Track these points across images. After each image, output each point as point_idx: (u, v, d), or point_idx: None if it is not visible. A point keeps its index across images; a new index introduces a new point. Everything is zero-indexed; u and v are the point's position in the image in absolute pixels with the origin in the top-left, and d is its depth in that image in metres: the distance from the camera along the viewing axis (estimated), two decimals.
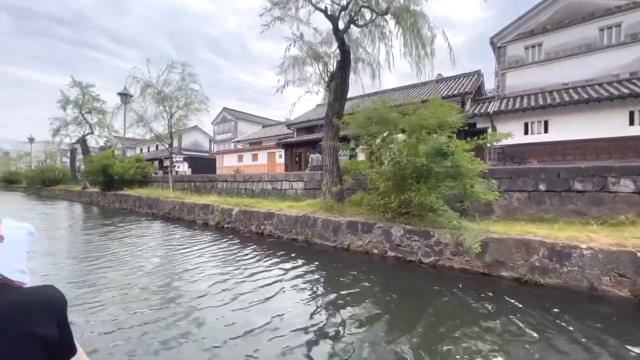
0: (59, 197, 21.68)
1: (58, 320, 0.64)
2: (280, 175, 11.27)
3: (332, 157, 7.78)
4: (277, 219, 7.77)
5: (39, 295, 0.64)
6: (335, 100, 7.61)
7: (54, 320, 0.63)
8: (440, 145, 5.23)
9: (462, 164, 5.14)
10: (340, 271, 5.19)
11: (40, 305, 0.63)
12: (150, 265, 5.37)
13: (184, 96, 13.78)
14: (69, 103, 19.92)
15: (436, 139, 5.51)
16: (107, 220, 10.97)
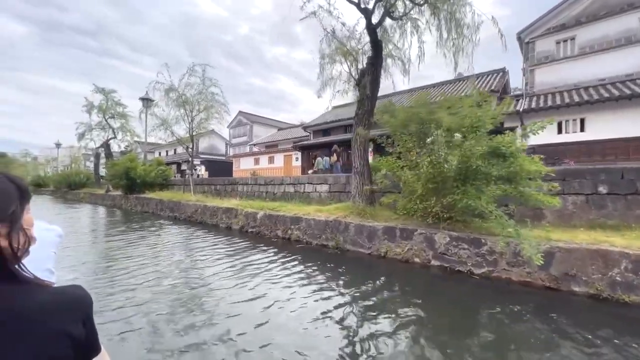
0: (83, 200, 22.08)
1: (84, 319, 0.65)
2: (303, 178, 10.88)
3: (363, 158, 7.31)
4: (305, 224, 7.36)
5: (68, 295, 0.65)
6: (366, 98, 7.16)
7: (81, 319, 0.64)
8: (497, 145, 4.67)
9: (523, 165, 4.57)
10: (379, 282, 4.70)
11: (69, 304, 0.63)
12: (177, 272, 5.05)
13: (204, 100, 13.65)
14: (93, 108, 20.33)
15: (495, 137, 4.96)
16: (135, 225, 10.86)
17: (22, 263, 0.60)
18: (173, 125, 13.45)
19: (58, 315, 0.60)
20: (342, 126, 22.98)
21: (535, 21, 14.89)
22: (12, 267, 0.58)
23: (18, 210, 0.60)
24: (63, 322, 0.60)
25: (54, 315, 0.60)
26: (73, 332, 0.61)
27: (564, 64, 14.35)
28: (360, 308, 3.81)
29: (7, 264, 0.57)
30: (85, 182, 26.89)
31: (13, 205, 0.60)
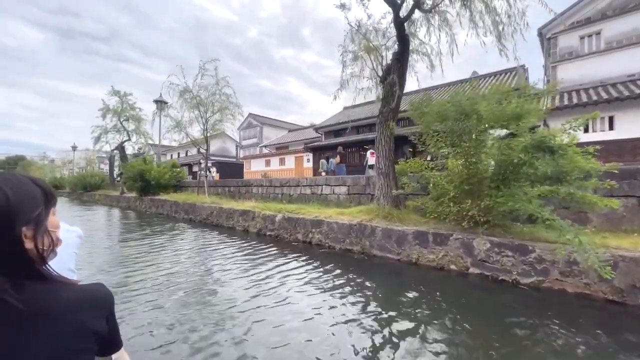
0: (99, 202, 22.22)
1: (107, 315, 0.68)
2: (320, 179, 10.54)
3: (388, 158, 6.93)
4: (328, 227, 7.00)
5: (92, 293, 0.67)
6: (391, 95, 6.78)
7: (104, 315, 0.67)
8: (543, 138, 4.21)
9: (575, 161, 4.12)
10: (411, 290, 4.31)
11: (94, 301, 0.66)
12: (197, 277, 4.76)
13: (218, 101, 13.47)
14: (109, 111, 20.48)
15: (541, 131, 4.52)
16: (151, 227, 10.69)
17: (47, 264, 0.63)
18: (188, 126, 13.31)
19: (84, 311, 0.63)
20: (354, 127, 22.61)
21: (558, 16, 14.23)
22: (39, 268, 0.60)
23: (43, 213, 0.62)
24: (88, 318, 0.63)
25: (80, 312, 0.62)
26: (97, 327, 0.64)
27: (588, 60, 13.67)
28: (390, 317, 3.45)
29: (34, 264, 0.59)
30: (100, 184, 27.14)
31: (38, 208, 0.61)
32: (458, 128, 5.26)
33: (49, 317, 0.58)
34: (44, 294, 0.59)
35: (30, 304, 0.56)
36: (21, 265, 0.58)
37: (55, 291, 0.61)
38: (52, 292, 0.61)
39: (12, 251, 0.57)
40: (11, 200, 0.56)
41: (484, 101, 4.82)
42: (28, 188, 0.61)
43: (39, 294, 0.59)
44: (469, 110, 4.90)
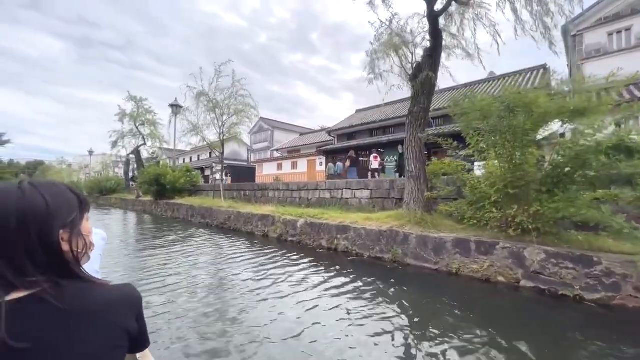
0: (114, 206, 22.33)
1: (137, 314, 0.69)
2: (340, 183, 10.15)
3: (419, 160, 6.49)
4: (355, 234, 6.60)
5: (123, 292, 0.68)
6: (422, 94, 6.37)
7: (134, 314, 0.69)
8: (622, 138, 3.75)
9: None
10: (455, 305, 3.86)
11: (125, 301, 0.67)
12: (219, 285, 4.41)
13: (234, 104, 13.29)
14: (125, 116, 20.64)
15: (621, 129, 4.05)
16: (169, 232, 10.47)
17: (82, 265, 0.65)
18: (204, 130, 13.15)
19: (116, 310, 0.65)
20: (367, 130, 22.21)
21: (585, 12, 13.60)
22: (74, 269, 0.63)
23: (77, 218, 0.65)
24: (121, 316, 0.65)
25: (113, 311, 0.64)
26: (128, 326, 0.66)
27: (617, 57, 12.95)
28: (433, 336, 3.02)
29: (70, 266, 0.62)
30: (115, 188, 27.38)
31: (74, 213, 0.64)
32: (503, 126, 4.80)
33: (85, 315, 0.60)
34: (79, 293, 0.61)
35: (68, 303, 0.58)
36: (58, 266, 0.61)
37: (90, 291, 0.63)
38: (87, 291, 0.63)
39: (51, 252, 0.59)
40: (50, 205, 0.60)
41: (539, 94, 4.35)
42: (65, 194, 0.65)
43: (75, 294, 0.61)
44: (519, 105, 4.45)
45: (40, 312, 0.56)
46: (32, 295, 0.56)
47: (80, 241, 0.64)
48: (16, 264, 0.56)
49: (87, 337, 0.58)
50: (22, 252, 0.57)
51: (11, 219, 0.56)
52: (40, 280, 0.57)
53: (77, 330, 0.58)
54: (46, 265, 0.58)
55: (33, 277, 0.57)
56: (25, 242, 0.57)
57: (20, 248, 0.57)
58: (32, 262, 0.57)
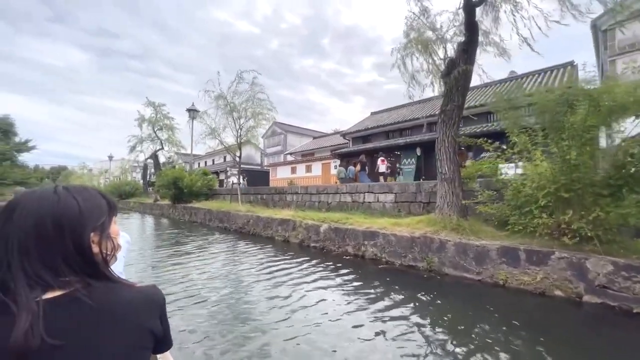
0: (133, 209, 22.62)
1: (161, 316, 0.69)
2: (362, 186, 9.75)
3: (453, 162, 6.04)
4: (384, 240, 6.18)
5: (148, 293, 0.68)
6: (456, 91, 5.94)
7: (158, 315, 0.68)
8: None
9: None
10: (506, 322, 3.40)
11: (150, 302, 0.67)
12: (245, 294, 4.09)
13: (251, 107, 13.14)
14: (144, 121, 20.96)
15: None
16: (189, 237, 10.32)
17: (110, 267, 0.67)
18: (221, 133, 13.05)
19: (142, 310, 0.65)
20: (383, 132, 21.72)
21: (616, 5, 12.82)
22: (104, 270, 0.64)
23: (107, 221, 0.67)
24: (147, 317, 0.65)
25: (139, 311, 0.64)
26: (153, 326, 0.65)
27: None
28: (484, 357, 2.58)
29: (99, 267, 0.63)
30: (134, 192, 27.81)
31: (103, 216, 0.66)
32: (558, 121, 4.32)
33: (114, 315, 0.60)
34: (108, 293, 0.62)
35: (98, 303, 0.59)
36: (89, 267, 0.62)
37: (118, 291, 0.64)
38: (116, 292, 0.63)
39: (82, 254, 0.61)
40: (82, 208, 0.62)
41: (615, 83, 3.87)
42: (95, 198, 0.67)
43: (104, 294, 0.61)
44: (581, 98, 3.97)
45: (72, 311, 0.57)
46: (65, 294, 0.58)
47: (109, 243, 0.66)
48: (52, 264, 0.58)
49: (116, 336, 0.59)
50: (57, 253, 0.59)
51: (48, 222, 0.58)
52: (73, 280, 0.59)
53: (107, 329, 0.58)
54: (78, 266, 0.60)
55: (66, 277, 0.59)
56: (60, 243, 0.59)
57: (56, 249, 0.59)
58: (66, 263, 0.59)
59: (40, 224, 0.58)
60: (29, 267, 0.56)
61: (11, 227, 0.58)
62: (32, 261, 0.57)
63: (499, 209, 5.43)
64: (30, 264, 0.56)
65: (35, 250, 0.57)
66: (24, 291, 0.53)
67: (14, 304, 0.52)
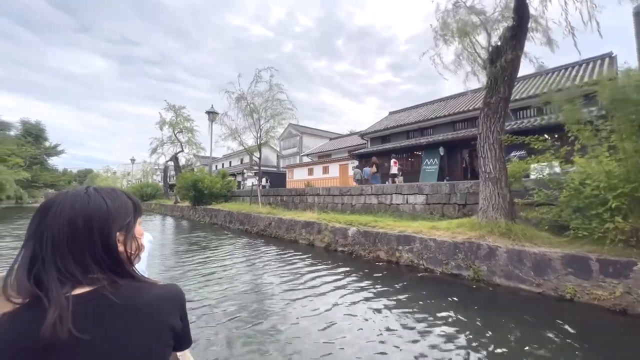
0: (154, 211, 22.96)
1: (181, 313, 0.70)
2: (389, 187, 9.23)
3: (498, 160, 5.45)
4: (421, 245, 5.66)
5: (169, 291, 0.69)
6: (502, 81, 5.36)
7: (179, 313, 0.69)
8: None
9: None
10: (581, 346, 2.83)
11: (172, 299, 0.68)
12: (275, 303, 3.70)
13: (270, 107, 12.90)
14: (165, 124, 21.29)
15: None
16: (211, 239, 10.14)
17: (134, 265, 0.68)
18: (242, 134, 12.88)
19: (165, 308, 0.66)
20: (403, 132, 21.02)
21: None
22: (128, 268, 0.65)
23: (132, 222, 0.69)
24: (168, 314, 0.66)
25: (162, 309, 0.65)
26: (174, 324, 0.66)
27: None
28: None
29: (124, 265, 0.65)
30: (155, 194, 28.32)
31: (129, 217, 0.68)
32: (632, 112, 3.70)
33: (138, 312, 0.61)
34: (133, 291, 0.63)
35: (123, 300, 0.60)
36: (115, 265, 0.63)
37: (142, 289, 0.65)
38: (140, 290, 0.65)
39: (109, 251, 0.62)
40: (110, 208, 0.65)
41: None
42: (122, 199, 0.69)
43: (129, 291, 0.62)
44: None
45: (99, 307, 0.58)
46: (93, 291, 0.59)
47: (133, 243, 0.67)
48: (81, 261, 0.60)
49: (140, 332, 0.60)
50: (87, 251, 0.60)
51: (79, 221, 0.61)
52: (100, 278, 0.60)
53: (131, 326, 0.59)
54: (105, 264, 0.62)
55: (94, 274, 0.60)
56: (90, 241, 0.61)
57: (85, 247, 0.60)
58: (94, 260, 0.61)
59: (72, 223, 0.60)
60: (61, 263, 0.58)
61: (46, 224, 0.60)
62: (63, 257, 0.59)
63: (553, 212, 4.81)
64: (62, 260, 0.58)
65: (67, 247, 0.59)
66: (55, 286, 0.56)
67: (46, 298, 0.54)
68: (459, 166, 17.67)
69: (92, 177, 55.48)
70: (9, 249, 7.82)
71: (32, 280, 0.56)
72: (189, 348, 0.77)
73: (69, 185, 49.04)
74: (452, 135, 17.36)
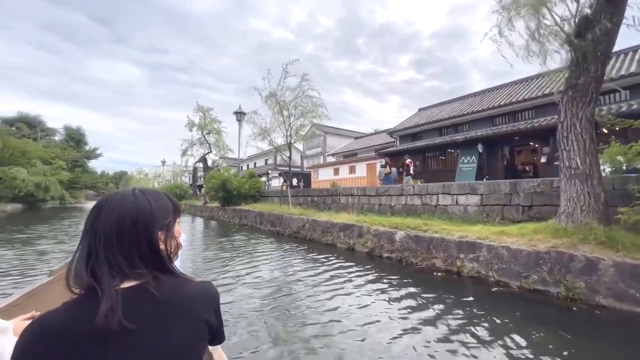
0: (184, 212, 23.34)
1: (216, 310, 0.73)
2: (436, 187, 8.35)
3: (589, 152, 4.49)
4: (490, 254, 4.82)
5: (204, 288, 0.72)
6: (592, 58, 4.41)
7: (214, 309, 0.72)
8: None
9: None
10: None
11: (207, 296, 0.71)
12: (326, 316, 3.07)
13: (300, 104, 12.40)
14: (194, 125, 21.59)
15: None
16: (244, 242, 9.79)
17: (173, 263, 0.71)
18: (272, 133, 12.49)
19: (201, 304, 0.68)
20: (434, 129, 19.79)
21: None
22: (169, 265, 0.69)
23: (172, 221, 0.72)
24: (205, 310, 0.69)
25: (200, 304, 0.68)
26: (209, 319, 0.69)
27: None
28: None
29: (165, 262, 0.68)
30: (184, 195, 28.96)
31: (169, 217, 0.71)
32: None
33: (178, 306, 0.64)
34: (173, 287, 0.66)
35: (165, 294, 0.63)
36: (157, 262, 0.66)
37: (181, 285, 0.68)
38: (179, 286, 0.68)
39: (152, 249, 0.66)
40: (154, 208, 0.68)
41: None
42: (163, 200, 0.72)
43: (170, 287, 0.65)
44: None
45: (144, 300, 0.61)
46: (138, 285, 0.63)
47: (173, 242, 0.71)
48: (129, 257, 0.63)
49: (180, 325, 0.63)
50: (133, 247, 0.64)
51: (127, 219, 0.64)
52: (145, 273, 0.64)
53: (172, 319, 0.62)
54: (149, 260, 0.65)
55: (139, 269, 0.64)
56: (136, 238, 0.64)
57: (132, 243, 0.64)
58: (140, 256, 0.64)
59: (121, 221, 0.64)
60: (112, 257, 0.62)
61: (100, 222, 0.64)
62: (114, 252, 0.62)
63: None
64: (112, 254, 0.62)
65: (116, 243, 0.62)
66: (106, 279, 0.59)
67: (100, 290, 0.58)
68: (499, 164, 16.28)
69: (126, 179, 58.43)
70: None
71: (89, 272, 0.60)
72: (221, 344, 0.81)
73: (107, 186, 51.86)
74: (492, 131, 16.01)
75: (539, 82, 16.59)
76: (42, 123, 34.91)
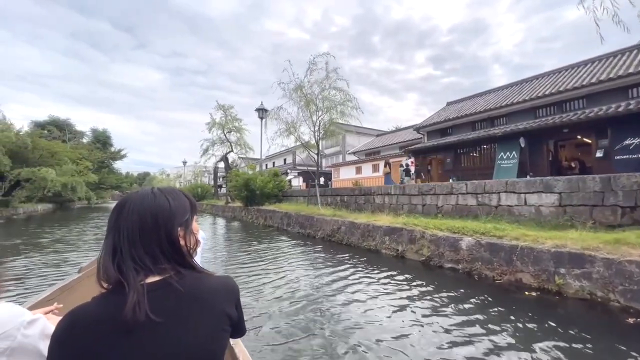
0: (205, 212, 22.96)
1: (236, 303, 0.74)
2: (494, 185, 7.13)
3: None
4: (609, 270, 3.65)
5: (225, 282, 0.74)
6: None
7: (234, 303, 0.73)
8: None
9: None
10: None
11: (228, 290, 0.73)
12: None
13: (327, 98, 11.42)
14: (215, 124, 21.15)
15: None
16: (273, 247, 8.94)
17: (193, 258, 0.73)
18: (298, 128, 11.61)
19: (222, 298, 0.70)
20: (467, 123, 18.26)
21: None
22: (189, 260, 0.70)
23: (190, 219, 0.73)
24: (225, 303, 0.70)
25: (221, 298, 0.70)
26: (230, 312, 0.71)
27: None
28: None
29: (186, 257, 0.69)
30: (204, 195, 28.73)
31: (187, 214, 0.73)
32: None
33: (200, 300, 0.66)
34: (195, 281, 0.68)
35: (188, 288, 0.65)
36: (178, 257, 0.68)
37: (202, 280, 0.70)
38: (200, 280, 0.69)
39: (172, 244, 0.67)
40: (172, 206, 0.70)
41: None
42: (181, 198, 0.74)
43: (192, 281, 0.67)
44: None
45: (167, 294, 0.63)
46: (162, 280, 0.64)
47: (192, 238, 0.72)
48: (151, 252, 0.65)
49: (203, 318, 0.64)
50: (155, 243, 0.66)
51: (148, 216, 0.66)
52: (168, 268, 0.65)
53: (195, 312, 0.64)
54: (171, 255, 0.67)
55: (162, 264, 0.65)
56: (157, 235, 0.66)
57: (154, 239, 0.66)
58: (162, 252, 0.66)
59: (142, 218, 0.66)
60: (135, 253, 0.64)
61: (122, 219, 0.66)
62: (137, 249, 0.64)
63: None
64: (136, 251, 0.64)
65: (139, 239, 0.65)
66: (132, 274, 0.61)
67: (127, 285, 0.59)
68: (544, 160, 14.62)
69: (149, 180, 59.75)
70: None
71: (115, 268, 0.62)
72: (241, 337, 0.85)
73: (132, 187, 53.13)
74: (537, 124, 14.39)
75: (588, 68, 14.83)
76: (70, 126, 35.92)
